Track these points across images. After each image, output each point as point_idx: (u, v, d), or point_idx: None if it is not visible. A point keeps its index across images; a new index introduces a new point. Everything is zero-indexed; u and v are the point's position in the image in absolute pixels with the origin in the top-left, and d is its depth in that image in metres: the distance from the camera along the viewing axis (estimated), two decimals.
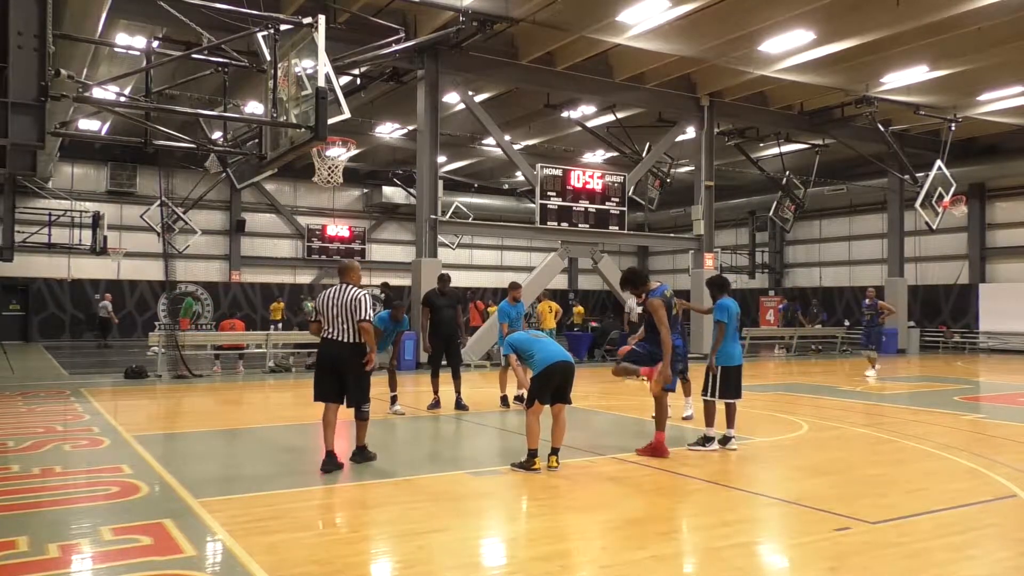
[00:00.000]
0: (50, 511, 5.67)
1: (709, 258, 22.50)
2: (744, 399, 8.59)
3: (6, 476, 6.73)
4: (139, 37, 15.58)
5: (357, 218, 34.12)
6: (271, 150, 9.05)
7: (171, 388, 13.83)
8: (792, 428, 9.67)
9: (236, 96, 18.97)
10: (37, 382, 14.63)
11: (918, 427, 9.83)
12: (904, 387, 15.30)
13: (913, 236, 27.25)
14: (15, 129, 5.92)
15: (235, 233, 31.05)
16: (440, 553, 4.78)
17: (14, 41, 5.94)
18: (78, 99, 8.06)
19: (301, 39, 8.24)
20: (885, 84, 20.12)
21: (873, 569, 4.53)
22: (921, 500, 6.13)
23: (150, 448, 8.04)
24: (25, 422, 9.81)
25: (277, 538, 4.69)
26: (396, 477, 6.86)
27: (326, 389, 7.02)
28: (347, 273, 7.20)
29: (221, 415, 10.59)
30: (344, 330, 6.93)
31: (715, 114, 22.14)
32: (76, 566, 4.53)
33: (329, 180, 16.41)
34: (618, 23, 16.13)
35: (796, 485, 6.78)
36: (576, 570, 4.56)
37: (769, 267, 34.13)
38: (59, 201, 26.37)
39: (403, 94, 20.03)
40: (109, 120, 21.47)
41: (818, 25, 16.24)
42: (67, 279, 27.98)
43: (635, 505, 6.06)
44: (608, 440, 8.86)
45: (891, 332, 25.06)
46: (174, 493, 6.13)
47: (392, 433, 9.35)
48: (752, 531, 5.45)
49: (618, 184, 21.19)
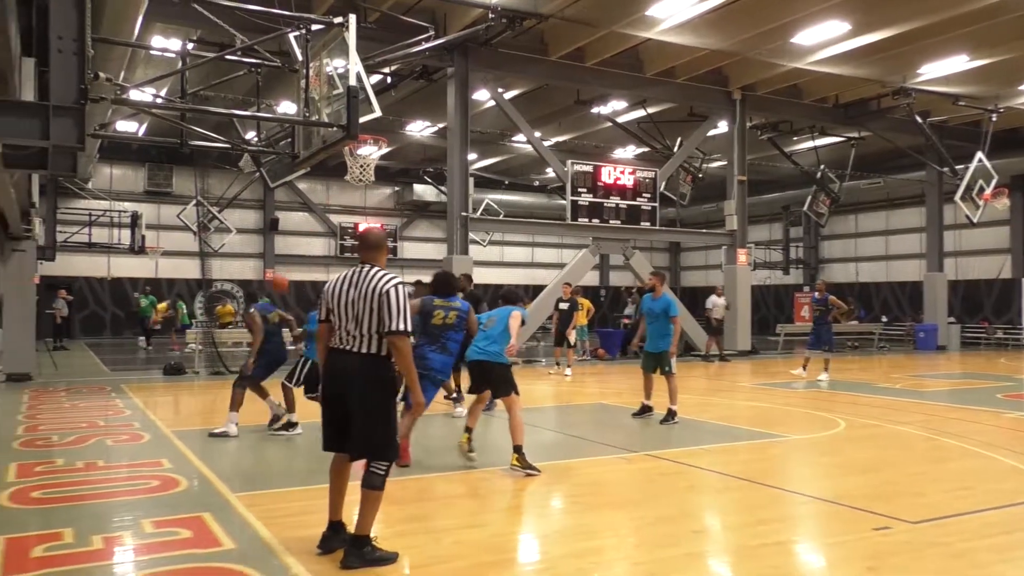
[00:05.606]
0: (94, 504, 5.79)
1: (742, 254, 22.26)
2: (779, 396, 8.49)
3: (52, 470, 6.90)
4: (174, 39, 15.79)
5: (388, 216, 34.31)
6: (304, 149, 9.12)
7: (208, 384, 14.04)
8: (829, 426, 9.54)
9: (269, 96, 19.18)
10: (79, 378, 14.95)
11: (959, 425, 9.65)
12: (944, 384, 15.02)
13: (953, 230, 26.69)
14: (56, 131, 6.03)
15: (269, 232, 31.41)
16: (474, 549, 4.80)
17: (54, 45, 6.05)
18: (116, 101, 8.18)
19: (332, 39, 8.30)
20: (923, 75, 19.73)
21: (914, 570, 4.45)
22: (964, 500, 6.01)
23: (188, 443, 8.17)
24: (69, 417, 10.03)
25: (313, 532, 4.74)
26: (431, 473, 6.88)
27: (328, 430, 4.61)
28: (372, 248, 4.73)
29: (256, 411, 10.73)
30: (359, 336, 4.53)
31: (747, 108, 21.90)
32: (119, 557, 4.62)
33: (361, 178, 16.54)
34: (648, 17, 16.01)
35: (833, 483, 6.69)
36: (609, 567, 4.55)
37: (804, 263, 33.69)
38: (99, 201, 26.89)
39: (433, 92, 20.08)
40: (146, 121, 21.82)
41: (853, 15, 15.97)
42: (107, 278, 28.51)
43: (669, 502, 6.02)
44: (641, 438, 8.82)
45: (931, 328, 24.64)
46: (212, 487, 6.23)
47: (427, 429, 9.39)
48: (788, 529, 5.39)
49: (649, 180, 21.06)
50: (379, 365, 4.53)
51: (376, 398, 4.50)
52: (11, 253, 14.95)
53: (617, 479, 6.84)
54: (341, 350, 4.57)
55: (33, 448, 7.90)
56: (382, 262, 4.71)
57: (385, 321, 4.45)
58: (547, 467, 7.00)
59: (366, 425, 4.45)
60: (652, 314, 9.88)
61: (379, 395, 4.52)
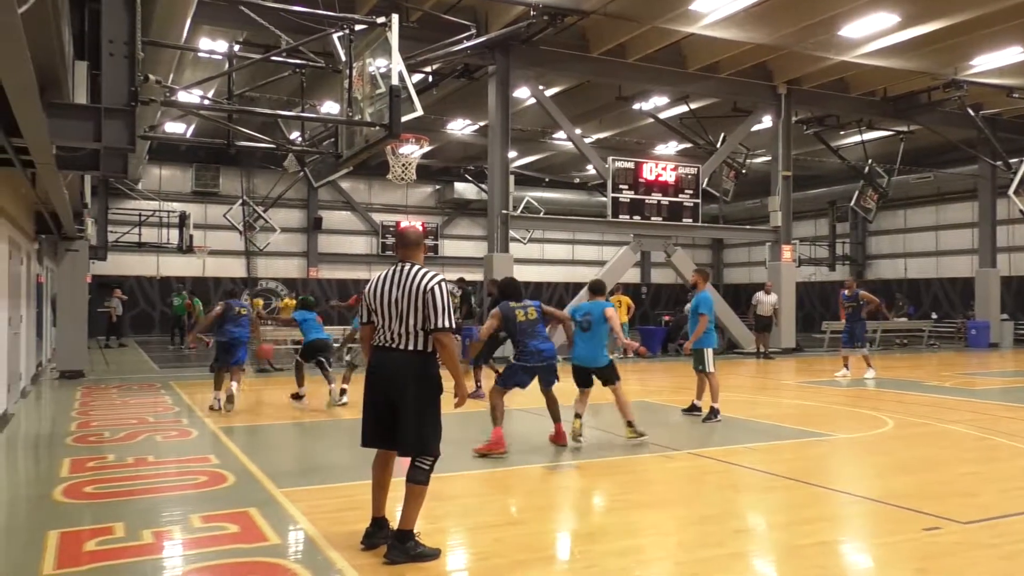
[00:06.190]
0: (144, 499, 5.93)
1: (787, 250, 21.92)
2: (824, 394, 8.37)
3: (103, 465, 7.08)
4: (220, 41, 16.08)
5: (430, 214, 34.50)
6: (347, 148, 9.23)
7: (253, 381, 14.27)
8: (877, 424, 9.36)
9: (313, 96, 19.38)
10: (130, 375, 15.32)
11: (1013, 424, 9.39)
12: (996, 382, 14.63)
13: (1006, 225, 25.99)
14: (108, 133, 6.19)
15: (312, 231, 31.81)
16: (515, 546, 4.80)
17: (106, 49, 6.21)
18: (165, 103, 8.37)
19: (375, 39, 8.37)
20: (975, 67, 19.21)
21: (965, 571, 4.35)
22: (1016, 500, 5.86)
23: (235, 439, 8.33)
24: (119, 414, 10.29)
25: (356, 528, 4.80)
26: (471, 470, 6.91)
27: (375, 428, 4.64)
28: (411, 246, 4.77)
29: (300, 408, 10.89)
30: (404, 334, 4.55)
31: (792, 102, 21.54)
32: (168, 551, 4.73)
33: (403, 177, 16.65)
34: (691, 12, 15.84)
35: (881, 482, 6.56)
36: (651, 565, 4.53)
37: (851, 259, 33.06)
38: (148, 202, 27.52)
39: (474, 90, 20.13)
40: (194, 123, 22.28)
41: (902, 7, 15.61)
42: (156, 277, 29.16)
43: (712, 501, 5.96)
44: (684, 435, 8.74)
45: (983, 325, 24.01)
46: (258, 483, 6.33)
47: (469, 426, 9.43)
48: (834, 529, 5.30)
49: (692, 176, 20.85)
50: (426, 362, 4.55)
51: (424, 395, 4.52)
52: (64, 253, 15.37)
53: (660, 478, 6.80)
54: (387, 347, 4.59)
55: (85, 444, 8.12)
56: (421, 259, 4.75)
57: (431, 318, 4.49)
58: (589, 465, 6.98)
59: (414, 422, 4.46)
60: (692, 312, 9.91)
61: (427, 392, 4.53)
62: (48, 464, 7.34)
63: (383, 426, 4.57)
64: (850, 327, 14.87)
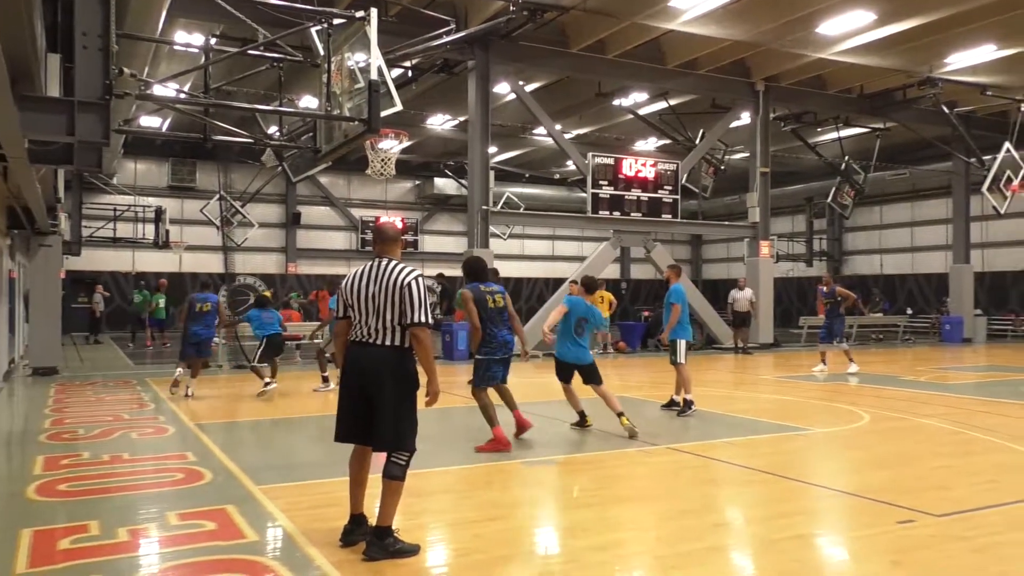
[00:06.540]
0: (119, 496, 5.86)
1: (765, 246, 22.09)
2: (802, 389, 8.44)
3: (78, 463, 6.99)
4: (197, 35, 15.92)
5: (409, 210, 34.40)
6: (325, 143, 9.18)
7: (231, 378, 14.16)
8: (853, 419, 9.45)
9: (291, 91, 19.24)
10: (105, 372, 15.14)
11: (986, 418, 9.52)
12: (970, 377, 14.84)
13: (979, 221, 26.35)
14: (82, 127, 6.10)
15: (291, 226, 31.61)
16: (495, 542, 4.81)
17: (79, 42, 6.11)
18: (140, 97, 8.27)
19: (354, 33, 8.32)
20: (950, 64, 19.44)
21: (938, 563, 4.41)
22: (990, 493, 5.94)
23: (212, 436, 8.25)
24: (94, 410, 10.17)
25: (334, 525, 4.77)
26: (449, 466, 6.90)
27: (351, 423, 4.60)
28: (388, 242, 4.76)
29: (278, 404, 10.83)
30: (381, 329, 4.54)
31: (770, 99, 21.69)
32: (144, 550, 4.67)
33: (382, 172, 16.56)
34: (670, 8, 15.89)
35: (857, 476, 6.63)
36: (630, 560, 4.55)
37: (827, 255, 33.37)
38: (123, 196, 27.16)
39: (454, 85, 20.08)
40: (169, 117, 22.00)
41: (878, 5, 15.75)
42: (132, 272, 28.82)
43: (690, 495, 6.00)
44: (662, 430, 8.79)
45: (956, 321, 24.33)
46: (236, 480, 6.28)
47: (449, 421, 9.42)
48: (811, 523, 5.35)
49: (671, 172, 20.93)
50: (403, 358, 4.56)
51: (401, 390, 4.51)
52: (37, 248, 15.16)
53: (639, 472, 6.83)
54: (363, 343, 4.57)
55: (59, 441, 8.02)
56: (398, 255, 4.76)
57: (407, 313, 4.49)
58: (568, 460, 7.00)
59: (391, 417, 4.46)
60: (666, 304, 10.02)
61: (403, 388, 4.53)
62: (21, 462, 7.25)
63: (359, 421, 4.55)
64: (828, 323, 15.06)
